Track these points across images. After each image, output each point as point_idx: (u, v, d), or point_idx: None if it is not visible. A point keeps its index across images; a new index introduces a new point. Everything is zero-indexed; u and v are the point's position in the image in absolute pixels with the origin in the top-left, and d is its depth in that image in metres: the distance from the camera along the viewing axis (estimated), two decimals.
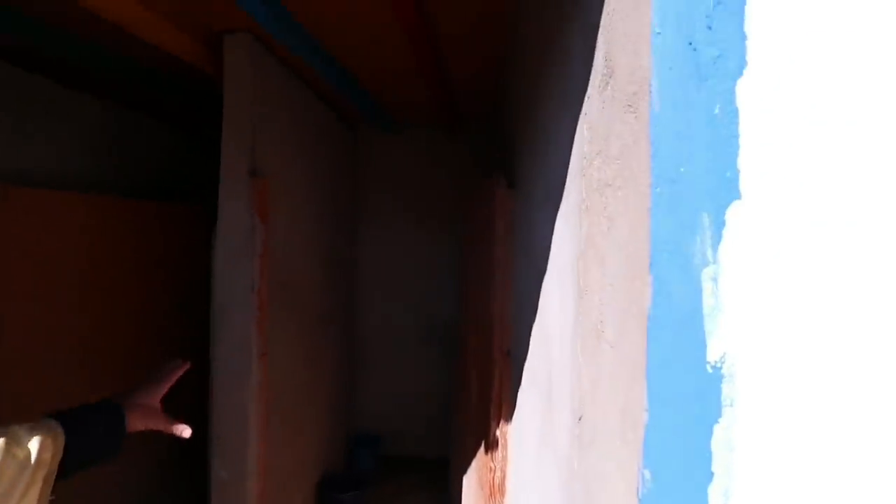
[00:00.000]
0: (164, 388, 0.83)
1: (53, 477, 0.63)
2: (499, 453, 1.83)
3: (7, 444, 0.59)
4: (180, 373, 0.86)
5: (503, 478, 1.81)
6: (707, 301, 0.43)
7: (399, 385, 3.61)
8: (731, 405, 0.43)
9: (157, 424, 0.79)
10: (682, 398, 0.43)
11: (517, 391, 1.71)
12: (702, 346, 0.43)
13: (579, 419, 0.64)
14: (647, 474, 0.42)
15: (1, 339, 2.03)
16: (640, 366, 0.44)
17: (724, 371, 0.42)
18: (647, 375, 0.43)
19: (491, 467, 1.86)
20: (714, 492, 0.42)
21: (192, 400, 2.76)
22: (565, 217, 0.87)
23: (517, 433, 1.70)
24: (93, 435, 0.69)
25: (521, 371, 1.66)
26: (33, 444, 0.61)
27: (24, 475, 0.59)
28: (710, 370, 0.43)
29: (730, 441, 0.43)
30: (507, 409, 1.82)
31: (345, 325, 3.33)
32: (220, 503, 1.91)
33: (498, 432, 1.84)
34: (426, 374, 3.60)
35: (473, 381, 2.29)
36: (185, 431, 0.80)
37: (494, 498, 1.83)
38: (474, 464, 2.17)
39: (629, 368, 0.48)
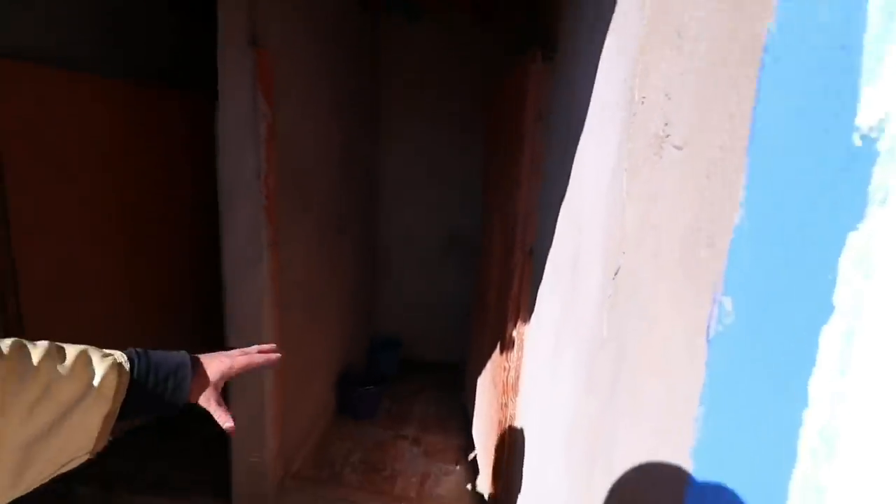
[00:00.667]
0: (238, 372, 0.72)
1: (114, 418, 0.57)
2: (514, 353, 1.77)
3: (75, 361, 0.54)
4: (262, 363, 0.73)
5: (517, 377, 1.77)
6: (873, 24, 0.25)
7: (420, 292, 3.60)
8: (884, 202, 0.27)
9: (210, 406, 0.69)
10: (803, 187, 0.27)
11: (537, 291, 1.60)
12: (850, 101, 0.26)
13: (615, 275, 0.49)
14: (728, 304, 0.28)
15: (12, 224, 2.02)
16: (737, 140, 0.28)
17: (880, 145, 0.26)
18: (748, 151, 0.27)
19: (505, 367, 1.81)
20: (831, 334, 0.28)
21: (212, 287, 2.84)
22: (616, 34, 0.67)
23: (534, 332, 1.62)
24: (158, 387, 0.62)
25: (542, 269, 1.53)
26: (98, 372, 0.55)
27: (85, 402, 0.53)
28: (856, 142, 0.26)
29: (869, 260, 0.27)
30: (525, 309, 1.72)
31: (365, 229, 3.25)
32: (238, 388, 1.96)
33: (514, 333, 1.76)
34: (447, 282, 3.56)
35: (493, 283, 2.20)
36: (228, 423, 0.70)
37: (507, 396, 1.80)
38: (489, 365, 2.15)
39: (709, 161, 0.31)
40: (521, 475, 1.58)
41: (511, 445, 1.79)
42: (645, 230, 0.45)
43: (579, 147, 1.01)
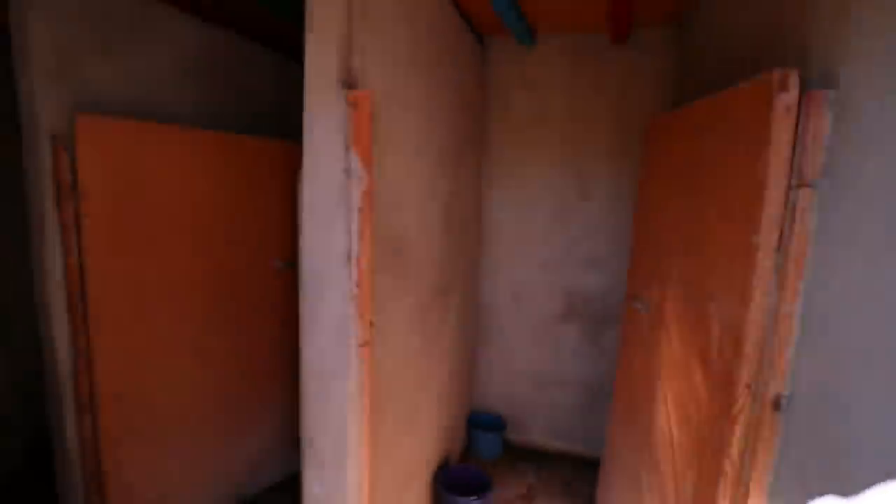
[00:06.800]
0: None
1: None
2: None
3: None
4: None
5: None
6: None
7: (529, 363, 2.98)
8: None
9: None
10: None
11: (791, 471, 0.92)
12: None
13: None
14: None
15: (91, 292, 1.79)
16: None
17: None
18: None
19: None
20: None
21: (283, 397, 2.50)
22: None
23: None
24: None
25: (806, 441, 0.85)
26: None
27: None
28: None
29: None
30: (759, 494, 1.04)
31: (469, 290, 2.73)
32: None
33: None
34: (563, 354, 2.90)
35: (666, 418, 1.52)
36: None
37: None
38: None
39: None
40: None
41: None
42: None
43: None
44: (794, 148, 0.96)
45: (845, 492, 0.77)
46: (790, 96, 0.95)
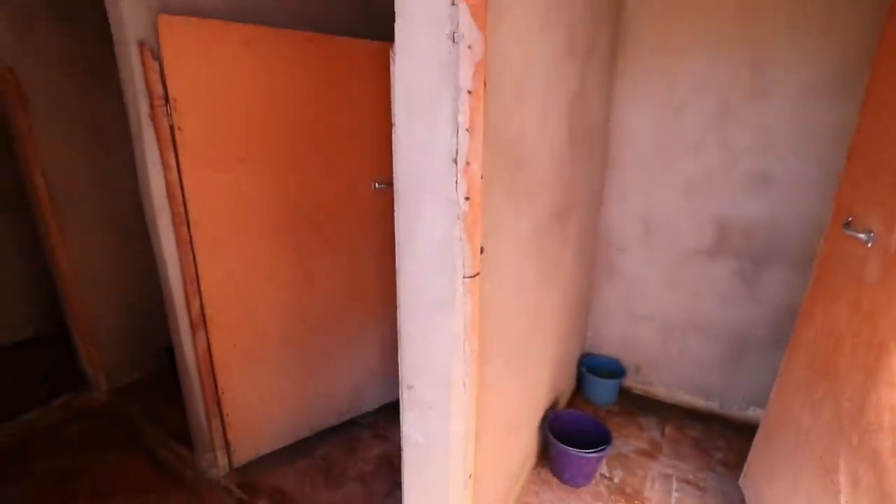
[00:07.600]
0: None
1: None
2: None
3: None
4: None
5: None
6: None
7: (657, 306, 2.52)
8: None
9: None
10: None
11: None
12: None
13: None
14: None
15: (191, 211, 1.72)
16: None
17: None
18: None
19: None
20: None
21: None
22: None
23: None
24: None
25: None
26: None
27: None
28: None
29: None
30: None
31: (590, 212, 2.29)
32: (416, 470, 1.34)
33: None
34: (704, 297, 2.39)
35: None
36: None
37: None
38: None
39: None
40: None
41: None
42: None
43: None
44: None
45: None
46: None
